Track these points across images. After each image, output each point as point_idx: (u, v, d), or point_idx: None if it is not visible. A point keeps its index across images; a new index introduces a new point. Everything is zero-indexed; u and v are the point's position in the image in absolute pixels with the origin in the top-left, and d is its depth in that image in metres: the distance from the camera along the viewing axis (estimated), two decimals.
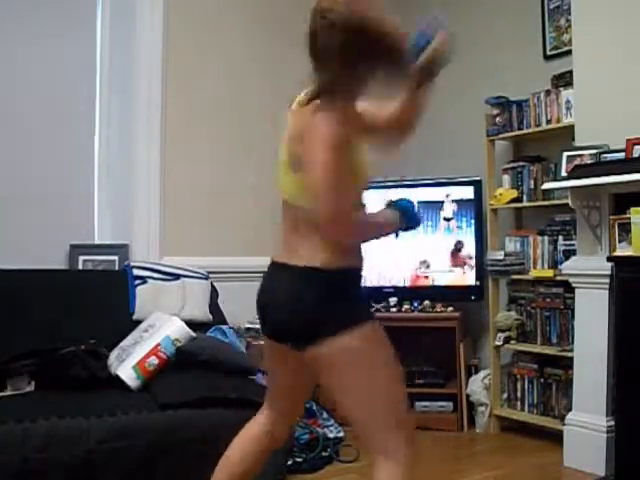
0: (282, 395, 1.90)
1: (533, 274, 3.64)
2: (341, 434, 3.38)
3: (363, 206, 1.75)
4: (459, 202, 4.02)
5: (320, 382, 1.76)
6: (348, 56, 1.56)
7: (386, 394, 1.69)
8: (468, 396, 3.85)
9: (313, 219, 1.60)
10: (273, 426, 1.89)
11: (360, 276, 1.77)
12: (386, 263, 4.10)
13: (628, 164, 2.84)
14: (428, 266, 4.06)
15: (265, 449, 1.91)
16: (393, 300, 4.05)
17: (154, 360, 2.83)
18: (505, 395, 3.80)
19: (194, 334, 3.00)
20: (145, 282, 3.43)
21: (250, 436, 1.91)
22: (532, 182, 3.72)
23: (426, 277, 4.07)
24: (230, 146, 4.08)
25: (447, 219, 4.04)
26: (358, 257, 1.75)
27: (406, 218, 1.76)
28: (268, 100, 3.94)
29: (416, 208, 1.79)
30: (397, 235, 1.79)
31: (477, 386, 3.82)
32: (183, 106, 3.91)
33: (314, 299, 1.63)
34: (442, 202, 4.04)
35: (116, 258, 3.69)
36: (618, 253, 2.88)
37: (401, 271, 4.10)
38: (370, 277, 4.08)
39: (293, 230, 1.71)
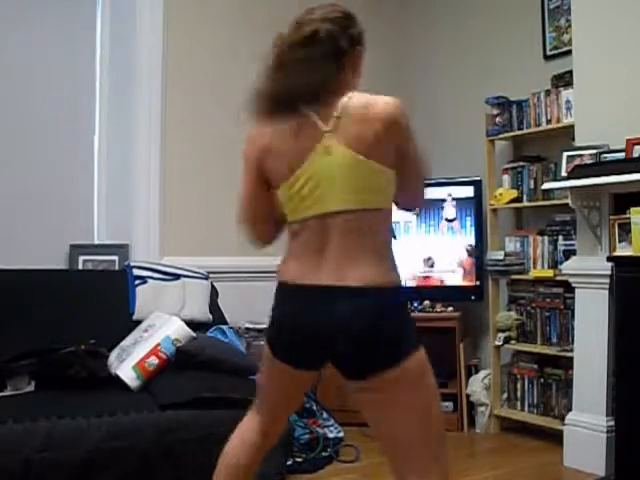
0: (280, 410, 1.87)
1: (533, 274, 3.64)
2: (341, 434, 3.38)
3: None
4: (459, 202, 4.02)
5: (373, 407, 1.62)
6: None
7: (441, 416, 1.65)
8: (468, 396, 3.85)
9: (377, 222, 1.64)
10: (265, 431, 1.86)
11: None
12: None
13: (628, 164, 2.84)
14: (432, 265, 4.06)
15: (260, 450, 1.88)
16: None
17: (154, 360, 2.83)
18: (505, 395, 3.80)
19: (194, 334, 3.00)
20: (145, 282, 3.43)
21: (244, 440, 1.87)
22: (532, 182, 3.72)
23: (426, 277, 4.07)
24: (231, 146, 4.07)
25: (449, 220, 4.04)
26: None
27: None
28: None
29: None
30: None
31: (477, 386, 3.82)
32: (183, 106, 3.91)
33: (397, 320, 1.61)
34: (443, 200, 4.04)
35: (116, 258, 3.69)
36: (618, 253, 2.88)
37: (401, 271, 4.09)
38: None
39: (342, 247, 1.61)
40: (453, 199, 4.02)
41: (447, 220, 4.04)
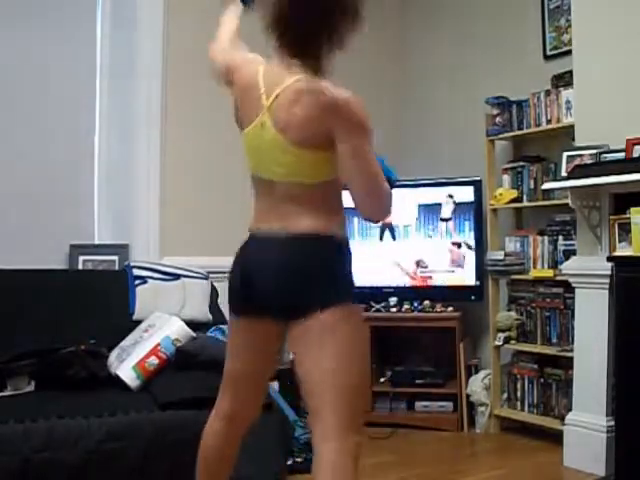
0: (243, 383, 1.86)
1: (533, 274, 3.64)
2: None
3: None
4: (459, 202, 4.02)
5: (298, 352, 1.73)
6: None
7: (363, 373, 1.76)
8: (468, 396, 3.85)
9: (316, 193, 1.71)
10: (230, 415, 1.87)
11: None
12: (386, 263, 4.10)
13: (628, 164, 2.84)
14: (427, 266, 4.06)
15: (226, 438, 1.90)
16: (393, 300, 4.05)
17: (154, 360, 2.83)
18: (505, 395, 3.80)
19: (194, 334, 3.00)
20: (145, 282, 3.43)
21: (210, 432, 1.91)
22: (532, 182, 3.72)
23: (426, 277, 4.07)
24: (230, 146, 4.07)
25: (444, 219, 4.04)
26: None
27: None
28: None
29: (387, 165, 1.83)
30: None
31: (477, 386, 3.82)
32: (183, 106, 3.91)
33: (328, 264, 1.70)
34: (441, 203, 4.05)
35: (116, 258, 3.69)
36: (618, 253, 2.88)
37: (401, 271, 4.10)
38: (370, 277, 4.08)
39: (282, 202, 1.75)
40: (452, 200, 4.02)
41: (442, 220, 4.04)
